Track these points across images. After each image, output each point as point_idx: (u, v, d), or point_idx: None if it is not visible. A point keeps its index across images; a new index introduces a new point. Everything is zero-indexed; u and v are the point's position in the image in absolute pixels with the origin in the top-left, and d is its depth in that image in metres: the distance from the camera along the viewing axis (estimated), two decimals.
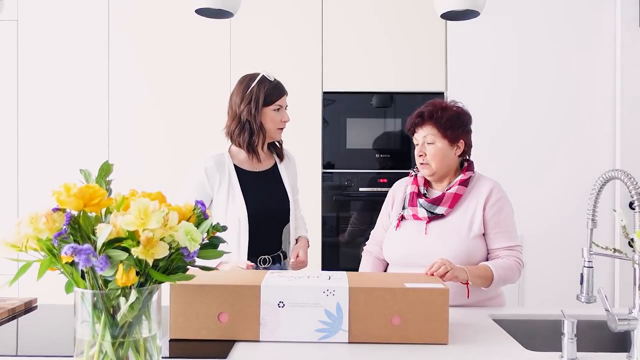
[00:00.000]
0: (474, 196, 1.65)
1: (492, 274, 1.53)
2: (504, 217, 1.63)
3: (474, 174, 1.70)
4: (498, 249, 1.62)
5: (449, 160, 1.66)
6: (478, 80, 2.84)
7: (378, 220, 1.84)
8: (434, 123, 1.64)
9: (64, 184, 0.84)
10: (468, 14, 1.69)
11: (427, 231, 1.62)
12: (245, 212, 1.75)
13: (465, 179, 1.65)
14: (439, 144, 1.64)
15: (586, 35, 2.83)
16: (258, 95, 1.77)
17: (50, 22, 2.85)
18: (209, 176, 1.77)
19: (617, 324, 1.07)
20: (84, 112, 2.85)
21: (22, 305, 1.48)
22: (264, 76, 1.78)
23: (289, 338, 1.19)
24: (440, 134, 1.63)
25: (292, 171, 1.94)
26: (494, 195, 1.64)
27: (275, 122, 1.80)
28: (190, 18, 2.66)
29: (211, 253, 0.96)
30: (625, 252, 1.14)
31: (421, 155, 1.66)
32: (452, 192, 1.63)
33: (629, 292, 1.90)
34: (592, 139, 2.83)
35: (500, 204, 1.64)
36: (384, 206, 1.83)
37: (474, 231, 1.60)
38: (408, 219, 1.68)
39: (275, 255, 1.84)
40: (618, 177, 1.14)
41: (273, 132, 1.82)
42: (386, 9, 2.84)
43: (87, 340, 0.85)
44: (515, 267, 1.59)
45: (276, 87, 1.80)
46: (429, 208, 1.63)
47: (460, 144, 1.67)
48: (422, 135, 1.65)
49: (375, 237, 1.83)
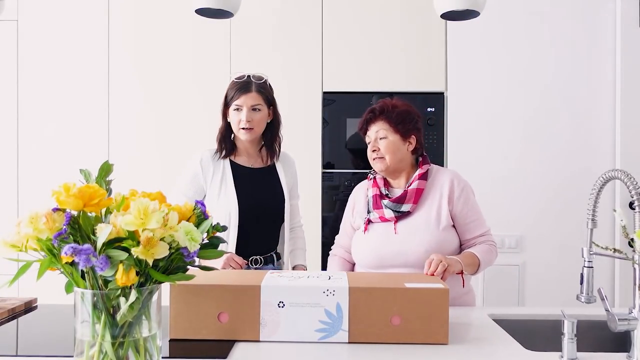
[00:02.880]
0: (436, 188, 1.67)
1: (478, 260, 1.60)
2: (471, 207, 1.68)
3: (430, 166, 1.72)
4: (473, 238, 1.67)
5: (401, 155, 1.68)
6: (478, 80, 2.84)
7: (341, 227, 1.85)
8: (385, 118, 1.67)
9: (64, 184, 0.84)
10: (468, 14, 1.69)
11: (397, 230, 1.64)
12: (236, 206, 1.74)
13: (423, 172, 1.68)
14: (391, 138, 1.66)
15: (586, 35, 2.83)
16: (225, 95, 1.79)
17: (50, 22, 2.85)
18: (203, 167, 1.78)
19: (617, 324, 1.07)
20: (84, 112, 2.85)
21: (22, 305, 1.48)
22: (232, 76, 1.78)
23: (289, 338, 1.19)
24: (392, 128, 1.66)
25: (290, 173, 1.92)
26: (457, 187, 1.67)
27: (235, 123, 1.77)
28: (190, 18, 2.67)
29: (211, 253, 0.96)
30: (625, 252, 1.14)
31: (374, 150, 1.68)
32: (413, 187, 1.65)
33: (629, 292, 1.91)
34: (592, 139, 2.83)
35: (465, 194, 1.67)
36: (345, 212, 1.83)
37: (442, 223, 1.62)
38: (375, 221, 1.68)
39: (268, 256, 1.81)
40: (618, 177, 1.14)
41: (238, 133, 1.78)
42: (386, 9, 2.84)
43: (87, 340, 0.85)
44: (494, 250, 1.67)
45: (235, 86, 1.76)
46: (395, 207, 1.64)
47: (412, 139, 1.69)
48: (375, 131, 1.68)
49: (340, 244, 1.83)
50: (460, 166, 2.81)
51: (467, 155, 2.82)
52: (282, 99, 1.89)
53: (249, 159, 1.84)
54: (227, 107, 1.78)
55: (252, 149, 1.85)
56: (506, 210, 2.81)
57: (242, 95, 1.74)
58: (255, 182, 1.82)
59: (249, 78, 1.77)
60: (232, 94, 1.76)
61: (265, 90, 1.79)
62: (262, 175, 1.84)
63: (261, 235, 1.81)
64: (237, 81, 1.77)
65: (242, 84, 1.76)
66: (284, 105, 1.93)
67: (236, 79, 1.78)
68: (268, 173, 1.86)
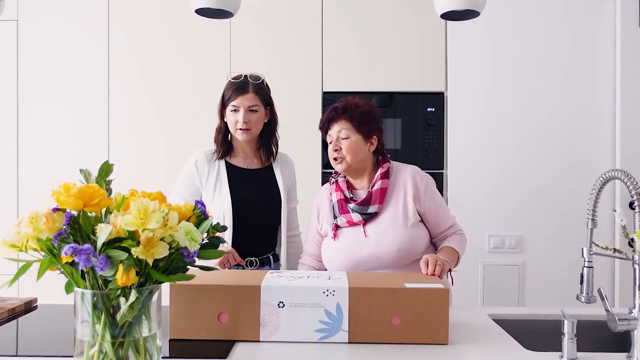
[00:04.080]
0: (399, 186, 1.67)
1: (458, 254, 1.63)
2: (438, 201, 1.68)
3: (390, 164, 1.71)
4: (445, 230, 1.68)
5: (363, 155, 1.66)
6: (478, 80, 2.84)
7: (308, 235, 1.79)
8: (347, 117, 1.65)
9: (64, 184, 0.84)
10: (468, 14, 1.69)
11: (367, 234, 1.62)
12: (229, 206, 1.73)
13: (384, 171, 1.67)
14: (353, 138, 1.64)
15: (586, 35, 2.83)
16: (222, 96, 1.78)
17: (50, 22, 2.85)
18: (199, 169, 1.78)
19: (617, 324, 1.07)
20: (84, 112, 2.84)
21: (22, 305, 1.48)
22: (229, 77, 1.77)
23: (289, 338, 1.19)
24: (354, 128, 1.64)
25: (288, 174, 1.90)
26: (420, 184, 1.66)
27: (232, 123, 1.76)
28: (190, 18, 2.66)
29: (211, 253, 0.96)
30: (625, 252, 1.14)
31: (336, 149, 1.65)
32: (377, 187, 1.64)
33: (629, 292, 1.91)
34: (592, 139, 2.83)
35: (429, 190, 1.67)
36: (310, 220, 1.79)
37: (410, 220, 1.62)
38: (343, 226, 1.66)
39: (264, 258, 1.80)
40: (618, 177, 1.14)
41: (235, 134, 1.77)
42: (386, 9, 2.84)
43: (87, 340, 0.85)
44: (464, 239, 1.70)
45: (232, 87, 1.75)
46: (361, 210, 1.63)
47: (374, 140, 1.68)
48: (337, 130, 1.66)
49: (309, 252, 1.79)
50: (460, 166, 2.81)
51: (467, 155, 2.82)
52: (282, 99, 1.88)
53: (245, 160, 1.84)
54: (224, 107, 1.77)
55: (249, 150, 1.84)
56: (506, 210, 2.81)
57: (239, 96, 1.73)
58: (250, 182, 1.81)
59: (246, 78, 1.76)
60: (229, 95, 1.75)
61: (262, 90, 1.78)
62: (258, 176, 1.83)
63: (257, 236, 1.80)
64: (234, 81, 1.76)
65: (239, 84, 1.75)
66: (284, 105, 1.92)
67: (233, 79, 1.77)
68: (265, 174, 1.85)
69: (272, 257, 1.83)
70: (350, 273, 1.39)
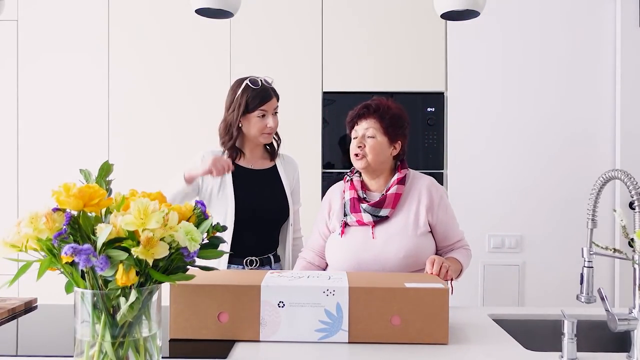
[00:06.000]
0: (414, 193, 1.67)
1: (462, 266, 1.65)
2: (450, 215, 1.70)
3: (408, 171, 1.72)
4: (452, 244, 1.70)
5: (384, 157, 1.66)
6: (478, 80, 2.84)
7: (314, 229, 1.78)
8: (378, 117, 1.65)
9: (64, 184, 0.84)
10: (468, 14, 1.69)
11: (375, 235, 1.62)
12: (232, 206, 1.74)
13: (402, 177, 1.67)
14: (379, 138, 1.64)
15: (586, 35, 2.83)
16: (241, 102, 1.77)
17: (50, 22, 2.85)
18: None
19: (617, 324, 1.07)
20: (84, 112, 2.84)
21: (22, 305, 1.48)
22: (247, 84, 1.76)
23: (289, 338, 1.19)
24: (382, 129, 1.65)
25: (292, 175, 1.91)
26: (435, 195, 1.66)
27: (259, 128, 1.78)
28: (190, 18, 2.66)
29: (211, 253, 0.96)
30: (625, 252, 1.14)
31: (360, 146, 1.65)
32: (392, 192, 1.64)
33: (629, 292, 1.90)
34: (592, 139, 2.83)
35: (443, 202, 1.67)
36: (320, 213, 1.78)
37: (420, 229, 1.62)
38: (352, 225, 1.66)
39: (264, 258, 1.80)
40: (618, 177, 1.14)
41: (258, 138, 1.80)
42: (386, 9, 2.84)
43: (87, 340, 0.85)
44: (470, 254, 1.72)
45: (260, 93, 1.76)
46: (373, 212, 1.63)
47: (398, 145, 1.68)
48: (364, 127, 1.66)
49: (311, 246, 1.77)
50: (460, 166, 2.81)
51: (467, 155, 2.82)
52: (282, 99, 1.88)
53: (249, 160, 1.85)
54: (248, 112, 1.77)
55: (256, 150, 1.86)
56: (506, 210, 2.81)
57: (267, 101, 1.77)
58: (255, 183, 1.82)
59: (267, 84, 1.79)
60: (256, 101, 1.76)
61: (277, 93, 1.83)
62: (262, 177, 1.84)
63: (258, 236, 1.80)
64: (255, 88, 1.76)
65: (262, 90, 1.77)
66: (284, 105, 1.93)
67: (253, 85, 1.76)
68: (269, 174, 1.86)
69: (272, 257, 1.83)
70: (351, 273, 1.39)
